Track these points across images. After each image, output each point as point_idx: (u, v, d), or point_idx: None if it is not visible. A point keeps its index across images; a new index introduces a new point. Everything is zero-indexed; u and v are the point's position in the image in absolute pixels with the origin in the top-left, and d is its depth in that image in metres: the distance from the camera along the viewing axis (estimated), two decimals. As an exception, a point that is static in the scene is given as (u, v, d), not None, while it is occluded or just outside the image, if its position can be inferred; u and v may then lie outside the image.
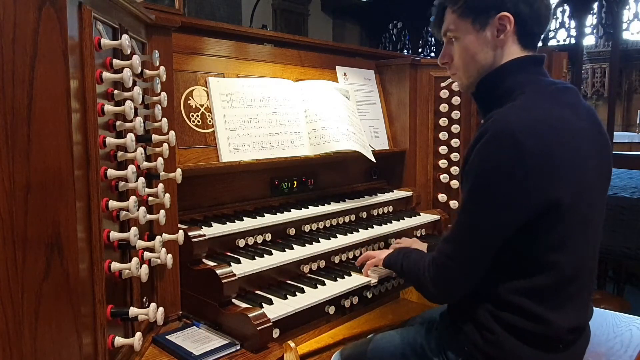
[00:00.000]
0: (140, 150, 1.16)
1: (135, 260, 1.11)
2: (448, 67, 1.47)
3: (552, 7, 1.37)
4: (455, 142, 2.43)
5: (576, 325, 1.29)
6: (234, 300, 1.51)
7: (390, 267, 1.67)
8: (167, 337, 1.41)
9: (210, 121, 1.78)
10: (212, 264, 1.53)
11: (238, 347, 1.36)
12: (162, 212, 1.33)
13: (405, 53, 7.93)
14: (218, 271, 1.45)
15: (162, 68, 1.32)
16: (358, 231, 1.99)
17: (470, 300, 1.33)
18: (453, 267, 1.30)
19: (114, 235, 1.08)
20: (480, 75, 1.39)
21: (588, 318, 1.37)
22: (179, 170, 1.42)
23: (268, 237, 1.79)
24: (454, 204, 2.46)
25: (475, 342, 1.30)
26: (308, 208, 1.95)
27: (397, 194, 2.37)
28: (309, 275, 1.80)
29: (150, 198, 1.35)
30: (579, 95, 1.35)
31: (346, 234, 1.93)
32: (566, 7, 6.94)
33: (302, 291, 1.65)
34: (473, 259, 1.27)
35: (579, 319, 1.31)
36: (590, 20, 7.67)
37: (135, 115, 1.16)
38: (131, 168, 1.09)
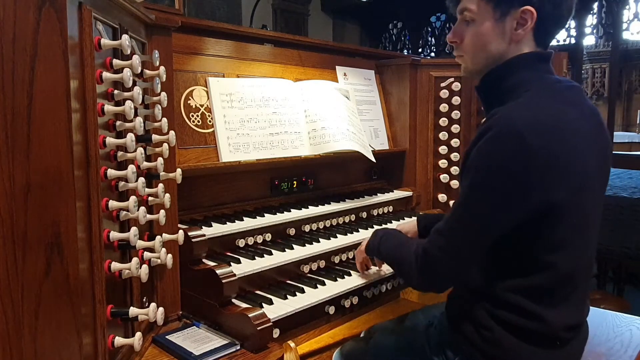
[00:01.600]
0: (140, 150, 1.16)
1: (135, 260, 1.11)
2: (455, 47, 1.42)
3: (573, 10, 1.33)
4: (455, 142, 2.43)
5: (573, 322, 1.30)
6: (234, 300, 1.51)
7: (370, 254, 1.69)
8: (167, 337, 1.41)
9: (210, 121, 1.78)
10: (212, 264, 1.53)
11: (238, 347, 1.36)
12: (162, 212, 1.33)
13: (405, 53, 7.93)
14: (218, 271, 1.45)
15: (162, 68, 1.32)
16: (358, 231, 1.99)
17: (468, 299, 1.33)
18: (444, 260, 1.28)
19: (114, 235, 1.08)
20: (488, 65, 1.35)
21: (585, 315, 1.37)
22: (179, 170, 1.42)
23: (268, 237, 1.79)
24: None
25: (474, 341, 1.30)
26: (308, 208, 1.95)
27: (397, 194, 2.37)
28: (309, 275, 1.80)
29: (150, 198, 1.35)
30: (583, 94, 1.34)
31: (346, 234, 1.93)
32: (566, 7, 6.93)
33: (302, 291, 1.65)
34: (466, 254, 1.27)
35: (575, 316, 1.31)
36: (590, 20, 7.68)
37: (135, 115, 1.16)
38: (131, 168, 1.09)
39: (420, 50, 8.09)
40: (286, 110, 1.97)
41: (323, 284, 1.71)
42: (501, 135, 1.17)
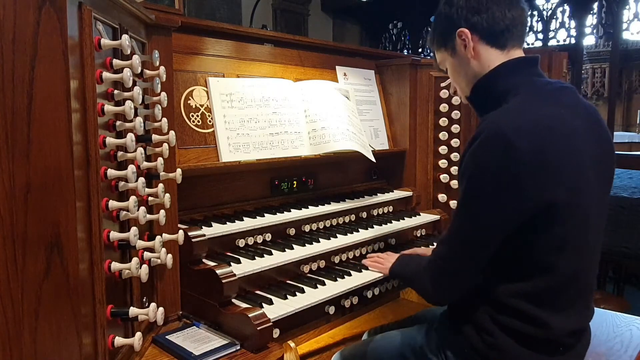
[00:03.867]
0: (140, 150, 1.16)
1: (135, 260, 1.11)
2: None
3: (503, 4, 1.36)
4: (455, 142, 2.43)
5: (577, 328, 1.29)
6: (234, 300, 1.51)
7: (396, 278, 1.71)
8: (167, 337, 1.41)
9: (210, 121, 1.78)
10: (212, 264, 1.53)
11: (238, 347, 1.36)
12: (162, 212, 1.33)
13: (405, 53, 7.93)
14: (218, 271, 1.45)
15: (162, 68, 1.32)
16: (358, 231, 1.99)
17: (470, 303, 1.33)
18: (447, 269, 1.33)
19: (114, 235, 1.08)
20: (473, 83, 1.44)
21: (588, 320, 1.36)
22: (179, 170, 1.42)
23: (268, 237, 1.79)
24: (454, 204, 2.45)
25: (475, 345, 1.30)
26: (308, 208, 1.95)
27: (397, 194, 2.37)
28: (309, 275, 1.80)
29: (150, 198, 1.35)
30: (577, 95, 1.35)
31: (346, 234, 1.93)
32: (566, 7, 6.94)
33: (302, 291, 1.65)
34: (467, 261, 1.29)
35: (579, 321, 1.31)
36: (590, 20, 7.68)
37: (135, 115, 1.16)
38: (131, 168, 1.09)
39: (420, 50, 8.08)
40: (286, 110, 1.97)
41: (323, 284, 1.71)
42: (488, 139, 1.19)
